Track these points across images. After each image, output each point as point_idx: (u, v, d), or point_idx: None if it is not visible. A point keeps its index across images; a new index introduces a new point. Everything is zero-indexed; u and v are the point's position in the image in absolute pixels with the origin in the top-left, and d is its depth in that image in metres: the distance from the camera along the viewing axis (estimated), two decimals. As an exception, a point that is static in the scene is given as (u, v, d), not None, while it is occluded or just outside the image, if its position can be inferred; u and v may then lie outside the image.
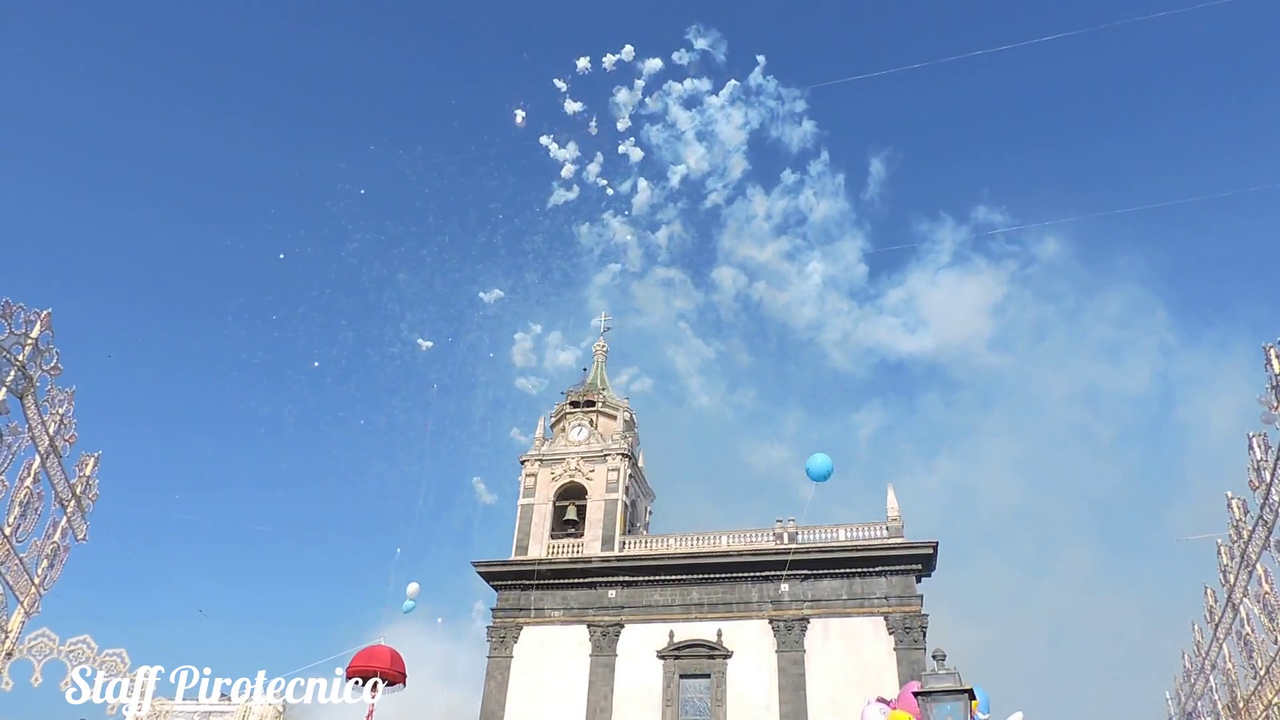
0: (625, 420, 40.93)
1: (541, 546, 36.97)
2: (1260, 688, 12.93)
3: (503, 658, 34.84)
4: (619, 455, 38.32)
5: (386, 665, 21.99)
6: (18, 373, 9.88)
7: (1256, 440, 11.17)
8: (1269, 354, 10.14)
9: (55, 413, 10.87)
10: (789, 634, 32.72)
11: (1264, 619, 12.07)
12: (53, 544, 11.38)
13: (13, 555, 10.47)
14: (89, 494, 12.10)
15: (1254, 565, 12.12)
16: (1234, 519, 12.84)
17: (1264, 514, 11.26)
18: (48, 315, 10.41)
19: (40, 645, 11.22)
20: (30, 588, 11.04)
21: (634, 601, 34.97)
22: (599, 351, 44.93)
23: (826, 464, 25.87)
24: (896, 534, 33.67)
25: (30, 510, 10.60)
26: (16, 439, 10.06)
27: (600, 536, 36.48)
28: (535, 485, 38.53)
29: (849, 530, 34.46)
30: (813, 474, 25.92)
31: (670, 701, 32.37)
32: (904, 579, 33.06)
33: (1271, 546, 11.20)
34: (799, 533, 34.61)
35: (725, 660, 32.80)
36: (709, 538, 35.93)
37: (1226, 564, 13.57)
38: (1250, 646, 13.24)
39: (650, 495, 42.17)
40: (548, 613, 35.57)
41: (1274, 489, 10.74)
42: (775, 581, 33.68)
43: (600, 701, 32.94)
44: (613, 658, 33.89)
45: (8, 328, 9.88)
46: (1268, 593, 11.83)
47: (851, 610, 32.86)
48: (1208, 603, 15.32)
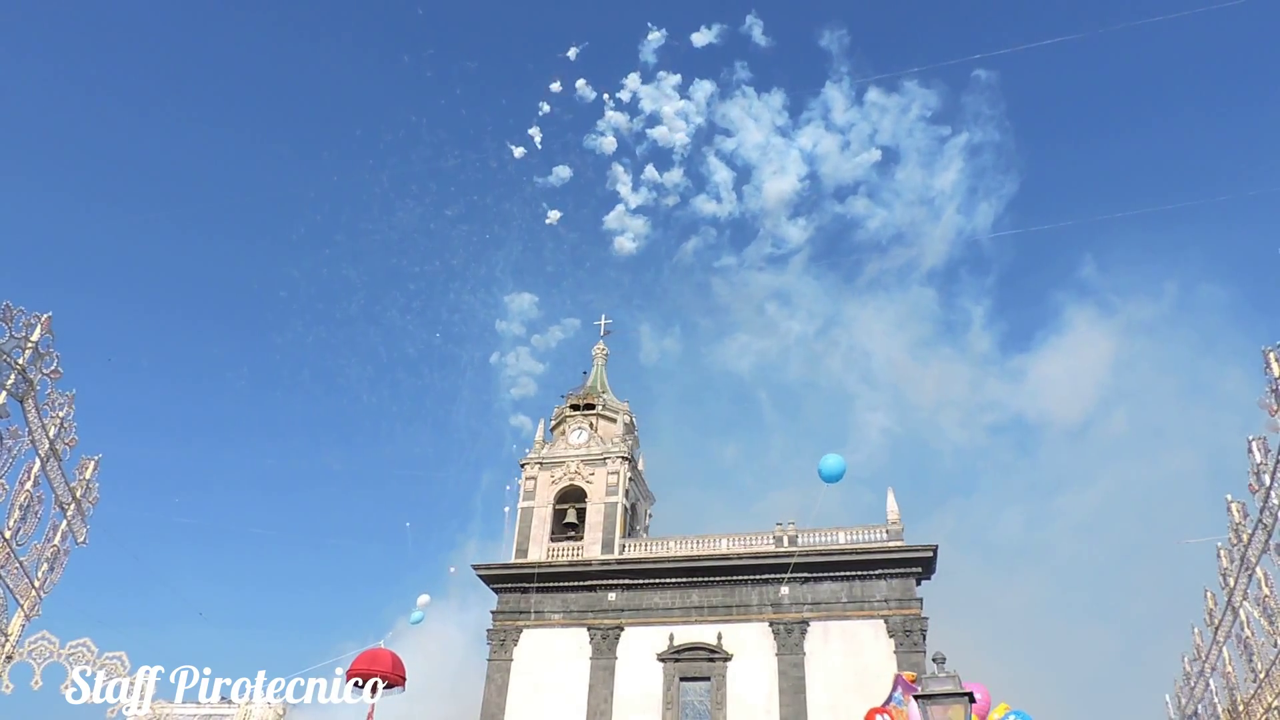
0: (625, 423, 40.91)
1: (541, 549, 36.95)
2: (1260, 691, 12.92)
3: (502, 661, 34.80)
4: (619, 458, 38.30)
5: (388, 668, 21.94)
6: (18, 376, 9.88)
7: (1256, 444, 11.17)
8: (1268, 358, 10.13)
9: (55, 416, 10.87)
10: (789, 637, 32.69)
11: (1264, 622, 12.07)
12: (53, 547, 11.37)
13: (13, 558, 10.47)
14: (89, 497, 12.10)
15: (1254, 569, 12.11)
16: (1234, 523, 12.83)
17: (1263, 518, 11.25)
18: (48, 319, 10.41)
19: (40, 648, 11.21)
20: (30, 591, 11.03)
21: (634, 604, 34.94)
22: (599, 354, 44.85)
23: (840, 464, 25.22)
24: (896, 537, 33.67)
25: (30, 513, 10.59)
26: (17, 442, 10.07)
27: (600, 539, 36.46)
28: (535, 488, 38.51)
29: (849, 533, 34.45)
30: (825, 475, 25.35)
31: (670, 704, 32.33)
32: (904, 582, 33.05)
33: (1271, 550, 11.19)
34: (799, 535, 34.61)
35: (725, 663, 32.77)
36: (709, 540, 35.91)
37: (1226, 567, 13.56)
38: (1250, 650, 13.22)
39: (650, 498, 42.13)
40: (548, 616, 35.54)
41: (1274, 493, 10.73)
42: (775, 584, 33.67)
43: (600, 704, 32.90)
44: (613, 661, 33.86)
45: (8, 331, 9.88)
46: (1267, 596, 11.82)
47: (851, 613, 32.84)
48: (1207, 606, 15.28)
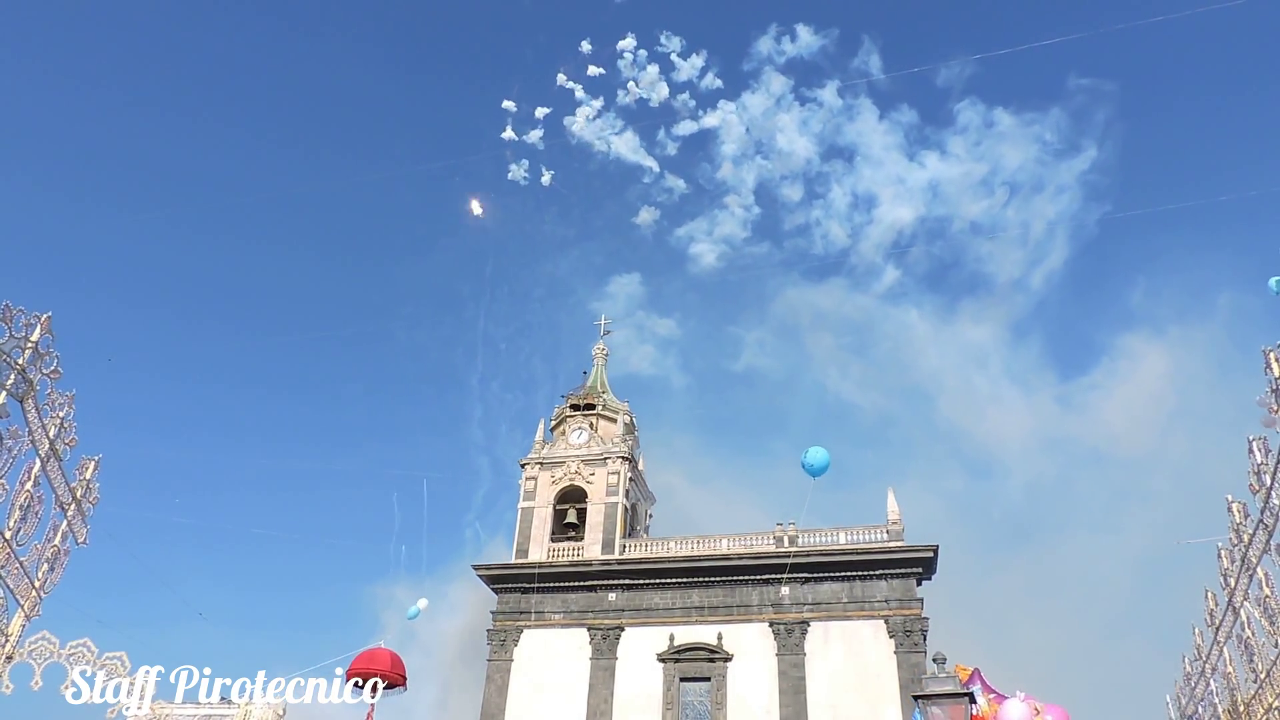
0: (625, 423, 40.90)
1: (542, 550, 36.94)
2: (1260, 691, 12.89)
3: (502, 661, 34.80)
4: (619, 458, 38.30)
5: (387, 668, 21.95)
6: (18, 376, 9.87)
7: (1256, 444, 11.13)
8: (1268, 357, 10.10)
9: (55, 416, 10.84)
10: (789, 637, 32.68)
11: (1264, 623, 12.03)
12: (53, 547, 11.35)
13: (13, 559, 10.46)
14: (89, 497, 12.08)
15: (1254, 569, 12.08)
16: (1234, 523, 12.80)
17: (1264, 518, 11.22)
18: (48, 319, 10.39)
19: (40, 648, 11.18)
20: (31, 591, 11.02)
21: (634, 605, 34.94)
22: (599, 354, 44.83)
23: (824, 457, 24.76)
24: (897, 537, 33.66)
25: (31, 514, 10.57)
26: (17, 442, 10.04)
27: (600, 540, 36.46)
28: (535, 488, 38.51)
29: (849, 533, 34.45)
30: (810, 468, 24.92)
31: (670, 705, 32.32)
32: (904, 582, 33.05)
33: (1272, 550, 11.17)
34: (799, 536, 34.60)
35: (725, 663, 32.76)
36: (709, 541, 35.91)
37: (1227, 567, 13.53)
38: (1251, 650, 13.20)
39: (650, 498, 42.12)
40: (548, 616, 35.53)
41: (1274, 493, 10.71)
42: (775, 584, 33.66)
43: (600, 705, 32.90)
44: (613, 661, 33.85)
45: (8, 331, 9.87)
46: (1268, 596, 11.79)
47: (852, 613, 32.84)
48: (1208, 606, 15.25)
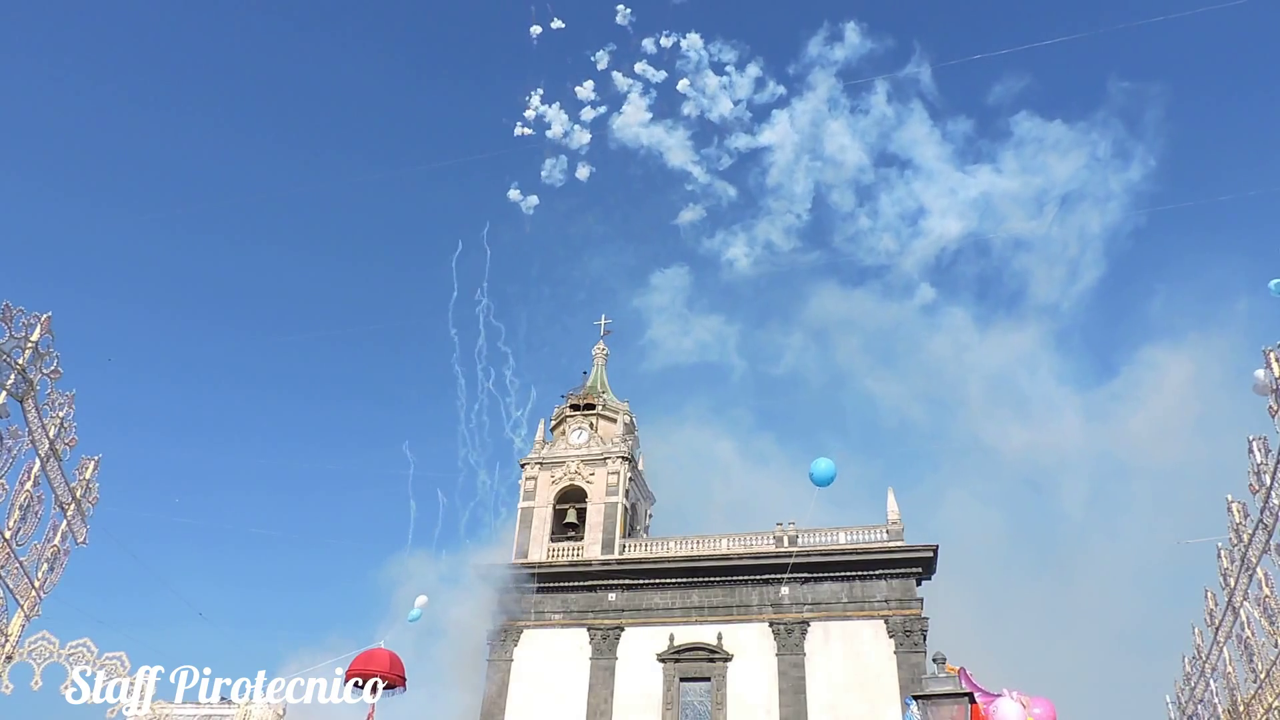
0: (625, 423, 40.90)
1: (542, 550, 36.95)
2: (1260, 691, 12.89)
3: (502, 661, 34.80)
4: (619, 458, 38.31)
5: (386, 668, 21.98)
6: (18, 376, 9.86)
7: (1256, 444, 11.13)
8: (1268, 357, 10.09)
9: (55, 416, 10.84)
10: (789, 637, 32.69)
11: (1264, 622, 12.04)
12: (53, 547, 11.35)
13: (13, 559, 10.45)
14: (89, 497, 12.07)
15: (1254, 569, 12.09)
16: (1234, 523, 12.81)
17: (1264, 518, 11.22)
18: (48, 319, 10.38)
19: (40, 648, 11.17)
20: (30, 591, 11.01)
21: (634, 605, 34.94)
22: (599, 354, 44.84)
23: (830, 469, 25.38)
24: (897, 537, 33.67)
25: (30, 514, 10.56)
26: (17, 442, 10.04)
27: (600, 540, 36.46)
28: (535, 488, 38.51)
29: (849, 533, 34.46)
30: (816, 479, 25.50)
31: (670, 705, 32.32)
32: (904, 582, 33.07)
33: (1272, 550, 11.17)
34: (799, 536, 34.61)
35: (725, 664, 32.77)
36: (709, 541, 35.92)
37: (1227, 567, 13.54)
38: (1250, 650, 13.20)
39: (650, 498, 42.13)
40: (548, 616, 35.53)
41: (1274, 493, 10.71)
42: (775, 584, 33.67)
43: (600, 705, 32.90)
44: (613, 661, 33.86)
45: (8, 331, 9.86)
46: (1268, 596, 11.80)
47: (852, 613, 32.85)
48: (1208, 606, 15.26)
